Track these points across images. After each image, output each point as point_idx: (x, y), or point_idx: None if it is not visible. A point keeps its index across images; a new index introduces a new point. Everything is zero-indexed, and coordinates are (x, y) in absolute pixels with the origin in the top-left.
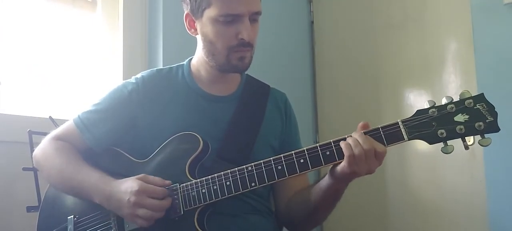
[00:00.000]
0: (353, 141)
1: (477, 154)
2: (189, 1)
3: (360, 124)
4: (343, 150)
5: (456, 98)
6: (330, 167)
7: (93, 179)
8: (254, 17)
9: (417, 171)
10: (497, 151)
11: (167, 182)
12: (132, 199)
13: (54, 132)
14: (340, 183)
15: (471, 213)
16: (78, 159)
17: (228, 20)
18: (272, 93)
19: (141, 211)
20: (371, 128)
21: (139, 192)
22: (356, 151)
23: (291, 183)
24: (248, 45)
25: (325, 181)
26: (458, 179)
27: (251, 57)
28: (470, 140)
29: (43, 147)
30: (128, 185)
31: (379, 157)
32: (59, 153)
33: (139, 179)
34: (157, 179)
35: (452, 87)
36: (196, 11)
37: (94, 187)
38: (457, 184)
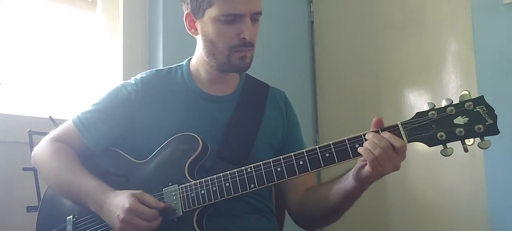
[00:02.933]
0: (371, 143)
1: (477, 154)
2: (189, 1)
3: (374, 120)
4: (364, 156)
5: (456, 99)
6: (354, 170)
7: (89, 186)
8: (255, 17)
9: (417, 171)
10: (497, 151)
11: (162, 204)
12: (121, 216)
13: (53, 133)
14: (366, 185)
15: (471, 213)
16: (75, 163)
17: (230, 19)
18: (271, 92)
19: (130, 229)
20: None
21: (129, 210)
22: (376, 152)
23: (300, 181)
24: (249, 45)
25: (350, 184)
26: (458, 179)
27: (252, 57)
28: (469, 142)
29: (42, 147)
30: (120, 200)
31: (400, 152)
32: (57, 156)
33: (134, 195)
34: (152, 200)
35: (452, 87)
36: (197, 11)
37: (89, 194)
38: (457, 184)
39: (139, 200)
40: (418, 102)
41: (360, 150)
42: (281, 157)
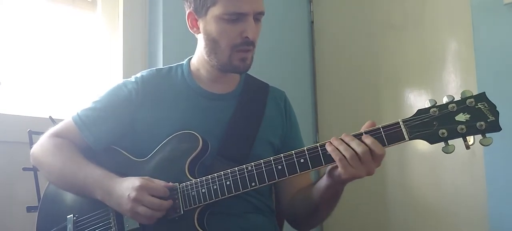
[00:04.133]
0: (340, 143)
1: (478, 154)
2: (192, 0)
3: (367, 124)
4: (332, 156)
5: (457, 97)
6: (328, 169)
7: (95, 175)
8: (257, 17)
9: (417, 171)
10: (497, 150)
11: (170, 184)
12: (133, 194)
13: (53, 129)
14: (338, 185)
15: (471, 213)
16: (79, 156)
17: (233, 18)
18: (271, 92)
19: (141, 209)
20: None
21: (140, 188)
22: (347, 154)
23: (294, 181)
24: (251, 44)
25: (324, 182)
26: (459, 179)
27: (252, 57)
28: (470, 139)
29: (42, 144)
30: (130, 182)
31: (377, 159)
32: (59, 150)
33: (142, 177)
34: (161, 182)
35: (452, 87)
36: (200, 10)
37: (96, 182)
38: (458, 184)
39: (149, 180)
40: (418, 102)
41: (327, 147)
42: (282, 155)
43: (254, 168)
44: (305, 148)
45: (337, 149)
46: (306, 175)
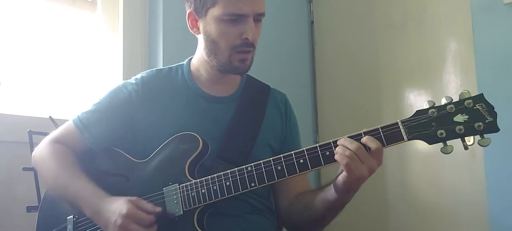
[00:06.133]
0: (340, 147)
1: (477, 154)
2: (193, 0)
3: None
4: (338, 160)
5: (455, 98)
6: (334, 182)
7: (85, 191)
8: (258, 18)
9: (417, 171)
10: (497, 151)
11: (158, 209)
12: (119, 221)
13: (53, 134)
14: (345, 194)
15: (471, 213)
16: (73, 167)
17: (233, 19)
18: (272, 94)
19: None
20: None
21: (126, 216)
22: (347, 153)
23: (292, 185)
24: (251, 46)
25: (332, 194)
26: (458, 179)
27: (252, 58)
28: (469, 140)
29: (41, 149)
30: (118, 206)
31: (375, 155)
32: (55, 158)
33: (130, 201)
34: (149, 206)
35: (452, 87)
36: (200, 10)
37: (86, 200)
38: (457, 184)
39: (136, 206)
40: (418, 102)
41: (336, 157)
42: (281, 155)
43: (253, 168)
44: (304, 149)
45: (341, 153)
46: (304, 179)
